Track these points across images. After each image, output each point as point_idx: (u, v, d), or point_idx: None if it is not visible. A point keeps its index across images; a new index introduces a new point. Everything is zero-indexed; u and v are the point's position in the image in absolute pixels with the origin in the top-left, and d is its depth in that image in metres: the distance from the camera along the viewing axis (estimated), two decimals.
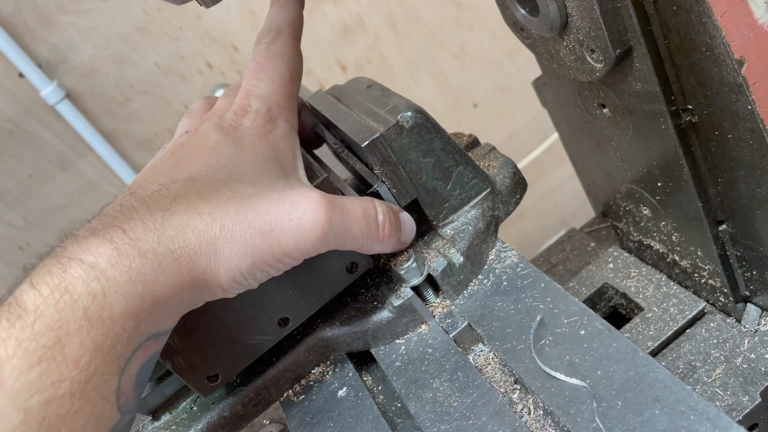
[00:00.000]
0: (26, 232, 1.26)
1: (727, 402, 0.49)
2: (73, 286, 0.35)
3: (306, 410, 0.50)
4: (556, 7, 0.42)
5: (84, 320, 0.34)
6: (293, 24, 0.52)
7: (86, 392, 0.34)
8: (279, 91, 0.49)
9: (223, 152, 0.44)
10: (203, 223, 0.40)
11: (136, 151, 1.26)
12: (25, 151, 1.20)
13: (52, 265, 0.36)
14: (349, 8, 1.25)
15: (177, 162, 0.44)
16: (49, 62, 1.14)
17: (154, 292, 0.37)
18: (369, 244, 0.46)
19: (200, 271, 0.40)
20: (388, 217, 0.47)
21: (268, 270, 0.43)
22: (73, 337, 0.33)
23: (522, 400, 0.43)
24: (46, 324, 0.33)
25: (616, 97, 0.48)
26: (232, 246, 0.40)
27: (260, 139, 0.46)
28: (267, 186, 0.43)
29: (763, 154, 0.42)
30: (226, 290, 0.42)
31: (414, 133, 0.49)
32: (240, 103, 0.48)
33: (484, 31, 1.35)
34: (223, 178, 0.43)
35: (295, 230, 0.42)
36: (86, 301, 0.34)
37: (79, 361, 0.33)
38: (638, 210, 0.58)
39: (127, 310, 0.36)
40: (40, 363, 0.32)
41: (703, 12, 0.38)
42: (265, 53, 0.50)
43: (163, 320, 0.39)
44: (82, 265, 0.35)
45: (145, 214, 0.39)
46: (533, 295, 0.47)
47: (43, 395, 0.32)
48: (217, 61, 1.22)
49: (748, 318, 0.54)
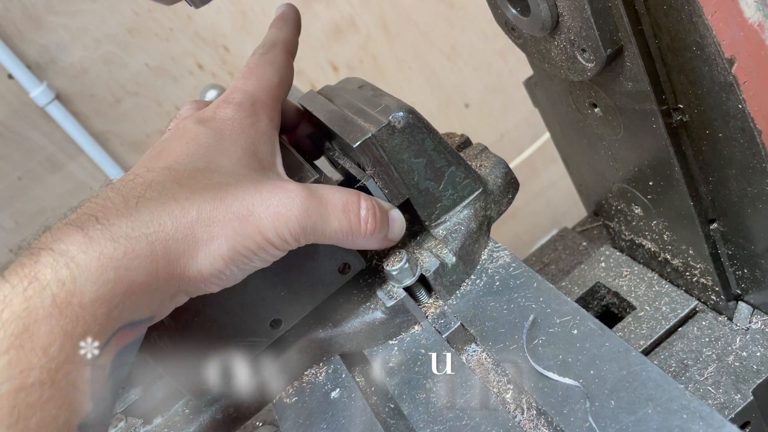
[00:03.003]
0: (16, 234, 1.26)
1: (720, 400, 0.50)
2: (42, 273, 0.34)
3: (299, 412, 0.50)
4: (547, 6, 0.42)
5: (53, 307, 0.33)
6: (288, 42, 0.54)
7: (57, 380, 0.33)
8: (265, 91, 0.49)
9: (202, 142, 0.44)
10: (180, 207, 0.39)
11: (126, 152, 1.26)
12: (14, 153, 1.19)
13: (24, 257, 0.35)
14: (341, 9, 1.24)
15: (156, 154, 0.44)
16: (39, 63, 1.14)
17: (127, 277, 0.36)
18: (351, 238, 0.45)
19: (177, 256, 0.39)
20: (372, 212, 0.46)
21: (251, 257, 0.41)
22: (41, 324, 0.33)
23: (515, 400, 0.43)
24: (14, 312, 0.33)
25: (607, 96, 0.49)
26: (210, 230, 0.40)
27: (241, 130, 0.46)
28: (244, 176, 0.43)
29: (753, 153, 0.42)
30: (207, 279, 0.40)
31: (406, 133, 0.49)
32: (224, 97, 0.48)
33: (476, 31, 1.35)
34: (200, 167, 0.42)
35: (273, 216, 0.41)
36: (55, 288, 0.34)
37: (48, 349, 0.33)
38: (630, 209, 0.58)
39: (99, 296, 0.35)
40: (8, 352, 0.32)
41: (694, 11, 0.38)
42: (257, 60, 0.51)
43: (139, 308, 0.38)
44: (52, 254, 0.35)
45: (119, 202, 0.38)
46: (526, 294, 0.47)
47: (12, 384, 0.31)
48: (207, 61, 1.22)
49: (739, 316, 0.54)
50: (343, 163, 0.53)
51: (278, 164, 0.47)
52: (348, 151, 0.51)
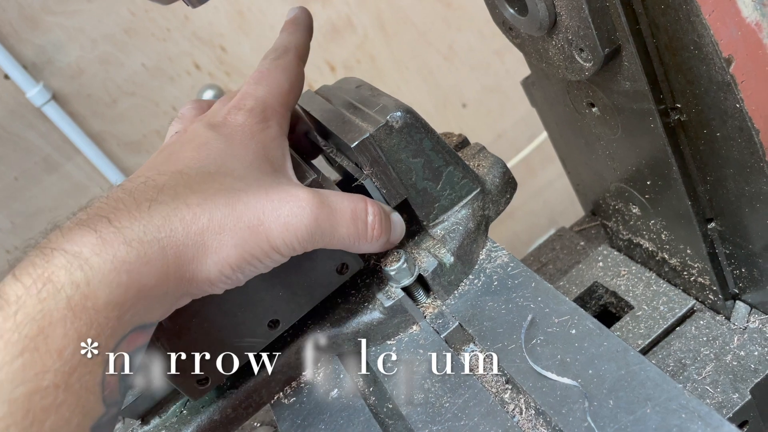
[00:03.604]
0: (13, 235, 1.25)
1: (718, 399, 0.50)
2: (56, 275, 0.34)
3: (297, 412, 0.50)
4: (545, 6, 0.42)
5: (67, 310, 0.33)
6: (300, 47, 0.53)
7: (70, 384, 0.33)
8: (276, 97, 0.49)
9: (213, 147, 0.44)
10: (191, 213, 0.40)
11: (123, 153, 1.26)
12: (11, 154, 1.19)
13: (36, 256, 0.35)
14: (338, 9, 1.24)
15: (167, 158, 0.44)
16: (35, 64, 1.13)
17: (139, 281, 0.36)
18: (357, 244, 0.46)
19: (187, 261, 0.39)
20: (378, 218, 0.47)
21: (256, 264, 0.42)
22: (56, 327, 0.33)
23: (514, 399, 0.43)
24: (29, 314, 0.33)
25: (605, 96, 0.49)
26: (220, 237, 0.40)
27: (252, 136, 0.46)
28: (255, 182, 0.43)
29: (751, 152, 0.42)
30: (214, 283, 0.41)
31: (404, 133, 0.49)
32: (235, 103, 0.48)
33: (473, 30, 1.35)
34: (212, 171, 0.43)
35: (283, 226, 0.42)
36: (69, 291, 0.34)
37: (62, 351, 0.33)
38: (627, 208, 0.58)
39: (112, 299, 0.35)
40: (23, 354, 0.32)
41: (692, 10, 0.38)
42: (268, 65, 0.51)
43: (149, 311, 0.38)
44: (66, 255, 0.35)
45: (131, 204, 0.39)
46: (524, 294, 0.47)
47: (26, 387, 0.31)
48: (205, 62, 1.22)
49: (737, 315, 0.54)
50: (340, 161, 0.53)
51: (288, 167, 0.47)
52: (345, 150, 0.51)
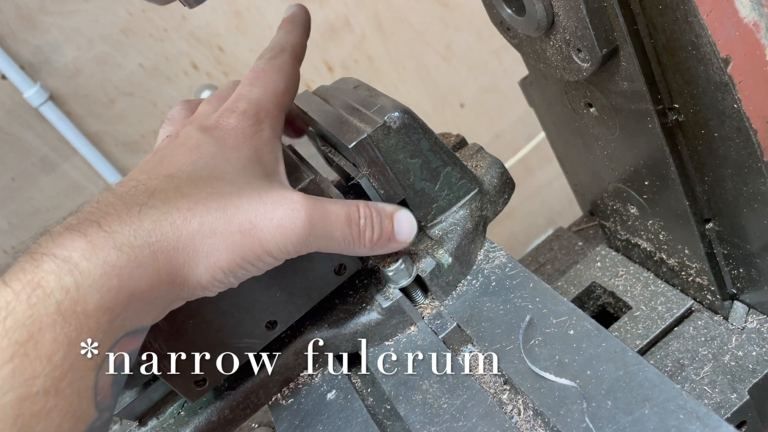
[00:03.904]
0: (10, 235, 1.25)
1: (716, 399, 0.50)
2: (46, 281, 0.34)
3: (295, 413, 0.49)
4: (543, 6, 0.42)
5: (57, 315, 0.33)
6: (296, 47, 0.53)
7: (61, 389, 0.33)
8: (270, 99, 0.49)
9: (205, 151, 0.44)
10: (182, 217, 0.39)
11: (121, 153, 1.25)
12: (8, 154, 1.18)
13: (25, 261, 0.35)
14: (335, 9, 1.24)
15: (158, 161, 0.44)
16: (32, 64, 1.13)
17: (130, 286, 0.36)
18: (351, 248, 0.46)
19: (178, 266, 0.39)
20: (370, 222, 0.46)
21: (249, 268, 0.42)
22: (46, 332, 0.33)
23: (512, 400, 0.43)
24: (18, 320, 0.32)
25: (602, 96, 0.49)
26: (211, 242, 0.40)
27: (244, 139, 0.46)
28: (248, 186, 0.43)
29: (749, 153, 0.42)
30: (206, 287, 0.41)
31: (401, 133, 0.49)
32: (229, 105, 0.48)
33: (471, 31, 1.35)
34: (203, 175, 0.42)
35: (276, 230, 0.41)
36: (59, 296, 0.34)
37: (52, 357, 0.32)
38: (625, 209, 0.58)
39: (102, 304, 0.35)
40: (13, 360, 0.32)
41: (689, 11, 0.38)
42: (264, 65, 0.50)
43: (140, 316, 0.38)
44: (55, 260, 0.35)
45: (121, 209, 0.38)
46: (522, 295, 0.47)
47: (16, 393, 0.31)
48: (202, 62, 1.22)
49: (735, 315, 0.54)
50: (338, 161, 0.52)
51: (281, 173, 0.47)
52: (343, 150, 0.51)
